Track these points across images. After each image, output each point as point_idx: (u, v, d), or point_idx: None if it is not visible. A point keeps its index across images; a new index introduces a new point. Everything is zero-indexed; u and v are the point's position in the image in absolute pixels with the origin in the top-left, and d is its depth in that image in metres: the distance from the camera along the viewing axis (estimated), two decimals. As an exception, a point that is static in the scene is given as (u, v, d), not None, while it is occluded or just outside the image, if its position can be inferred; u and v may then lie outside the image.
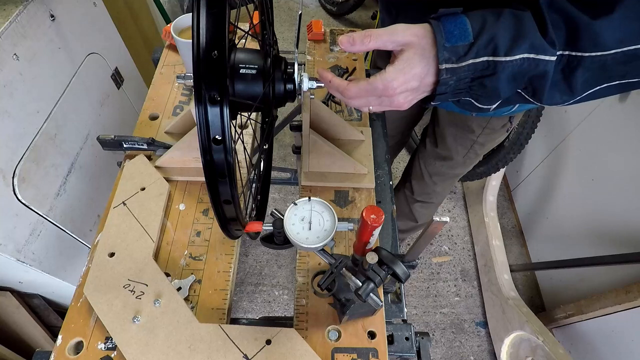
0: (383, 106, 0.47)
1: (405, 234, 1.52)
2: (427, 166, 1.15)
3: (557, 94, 0.44)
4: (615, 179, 1.31)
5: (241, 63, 0.48)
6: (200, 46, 0.34)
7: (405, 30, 0.43)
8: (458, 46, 0.41)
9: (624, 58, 0.40)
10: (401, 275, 0.48)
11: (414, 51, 0.43)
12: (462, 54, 0.41)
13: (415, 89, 0.45)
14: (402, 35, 0.43)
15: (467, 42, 0.41)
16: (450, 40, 0.41)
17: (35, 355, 0.59)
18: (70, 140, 1.10)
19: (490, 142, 1.00)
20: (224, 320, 0.61)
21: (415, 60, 0.43)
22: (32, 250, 0.96)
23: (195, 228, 0.71)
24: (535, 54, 0.40)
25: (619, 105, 1.29)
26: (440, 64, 0.41)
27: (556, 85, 0.43)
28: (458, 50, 0.41)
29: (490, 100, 0.46)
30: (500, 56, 0.41)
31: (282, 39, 2.71)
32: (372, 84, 0.45)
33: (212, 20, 0.35)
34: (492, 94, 0.44)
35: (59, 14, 1.02)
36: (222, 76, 0.35)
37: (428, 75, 0.43)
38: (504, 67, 0.41)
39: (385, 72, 0.44)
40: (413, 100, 0.47)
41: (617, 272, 1.26)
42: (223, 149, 0.37)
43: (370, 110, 0.49)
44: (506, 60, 0.41)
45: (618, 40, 0.39)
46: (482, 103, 0.47)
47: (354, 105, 0.49)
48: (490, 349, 1.61)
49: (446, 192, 1.26)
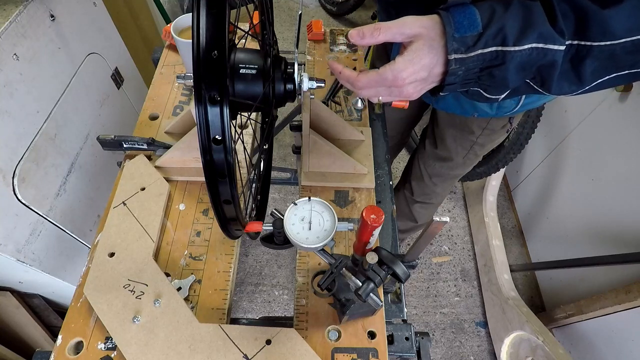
0: (393, 96, 0.48)
1: (405, 234, 1.52)
2: (426, 167, 1.15)
3: (566, 84, 0.44)
4: (615, 179, 1.31)
5: (241, 63, 0.48)
6: (200, 46, 0.34)
7: (414, 22, 0.43)
8: (467, 36, 0.41)
9: (632, 47, 0.40)
10: (401, 275, 0.48)
11: (423, 42, 0.43)
12: (471, 44, 0.41)
13: (424, 79, 0.45)
14: (411, 27, 0.43)
15: (476, 33, 0.41)
16: (459, 30, 0.41)
17: (35, 355, 0.59)
18: (70, 140, 1.10)
19: (490, 142, 1.00)
20: (224, 320, 0.61)
21: (425, 51, 0.43)
22: (32, 250, 0.96)
23: (195, 228, 0.71)
24: (544, 44, 0.40)
25: (619, 105, 1.29)
26: (449, 54, 0.42)
27: (565, 75, 0.43)
28: (467, 40, 0.41)
29: (498, 91, 0.46)
30: (509, 46, 0.41)
31: (282, 39, 2.71)
32: (381, 75, 0.45)
33: (212, 20, 0.34)
34: (500, 84, 0.44)
35: (59, 14, 1.02)
36: (222, 76, 0.35)
37: (437, 66, 0.44)
38: (513, 57, 0.41)
39: (394, 62, 0.44)
40: (422, 90, 0.47)
41: (617, 272, 1.26)
42: (223, 149, 0.37)
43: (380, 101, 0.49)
44: (515, 50, 0.41)
45: (627, 30, 0.39)
46: (490, 93, 0.47)
47: (364, 95, 0.49)
48: (490, 349, 1.61)
49: (446, 192, 1.26)
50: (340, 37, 1.06)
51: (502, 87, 0.45)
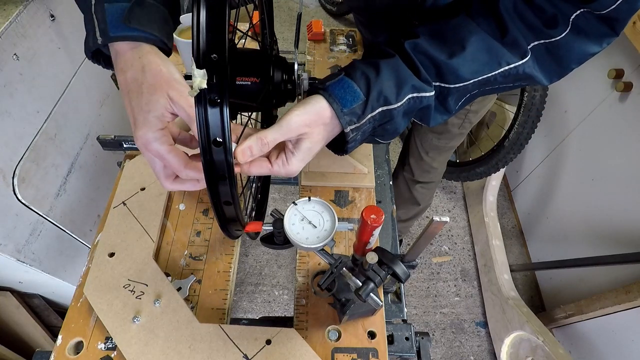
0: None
1: (409, 223, 1.51)
2: (423, 143, 1.17)
3: (439, 116, 0.52)
4: (615, 179, 1.32)
5: (242, 64, 0.48)
6: (201, 47, 0.34)
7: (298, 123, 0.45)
8: (354, 107, 0.46)
9: (479, 83, 0.49)
10: (401, 275, 0.48)
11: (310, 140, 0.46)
12: (360, 112, 0.46)
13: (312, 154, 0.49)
14: (296, 129, 0.45)
15: (361, 102, 0.46)
16: (345, 105, 0.46)
17: (35, 355, 0.59)
18: (70, 140, 1.10)
19: (483, 108, 1.03)
20: (224, 320, 0.62)
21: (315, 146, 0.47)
22: (32, 250, 0.96)
23: (195, 228, 0.71)
24: (418, 93, 0.47)
25: (619, 105, 1.29)
26: (344, 128, 0.46)
27: (437, 109, 0.51)
28: (355, 110, 0.46)
29: (391, 137, 0.52)
30: (392, 104, 0.47)
31: (282, 39, 2.71)
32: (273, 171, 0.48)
33: (212, 21, 0.34)
34: (392, 132, 0.51)
35: (59, 14, 1.02)
36: (222, 77, 0.35)
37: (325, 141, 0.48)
38: (398, 111, 0.47)
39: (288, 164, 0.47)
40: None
41: (617, 272, 1.26)
42: (223, 149, 0.37)
43: None
44: (397, 105, 0.47)
45: (472, 72, 0.48)
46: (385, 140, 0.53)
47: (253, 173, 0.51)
48: (490, 349, 1.61)
49: (443, 167, 1.28)
50: (340, 37, 1.06)
51: (394, 134, 0.51)
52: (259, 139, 0.43)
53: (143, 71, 0.40)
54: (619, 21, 0.47)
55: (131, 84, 0.41)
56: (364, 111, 0.46)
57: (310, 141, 0.47)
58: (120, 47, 0.42)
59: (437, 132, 1.11)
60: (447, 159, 1.24)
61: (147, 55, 0.41)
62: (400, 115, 0.48)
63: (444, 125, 1.07)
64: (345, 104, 0.45)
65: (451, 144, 1.15)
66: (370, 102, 0.46)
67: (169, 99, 0.41)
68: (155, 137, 0.41)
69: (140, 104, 0.40)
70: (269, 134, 0.44)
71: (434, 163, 1.21)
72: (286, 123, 0.44)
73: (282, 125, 0.44)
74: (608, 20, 0.47)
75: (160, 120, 0.41)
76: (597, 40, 0.49)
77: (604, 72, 1.30)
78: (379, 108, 0.47)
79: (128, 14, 0.40)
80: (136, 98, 0.41)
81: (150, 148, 0.41)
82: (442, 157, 1.21)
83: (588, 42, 0.48)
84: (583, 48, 0.49)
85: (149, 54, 0.41)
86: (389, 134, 0.51)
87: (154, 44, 0.42)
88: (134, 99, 0.41)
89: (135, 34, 0.40)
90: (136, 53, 0.41)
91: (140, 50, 0.41)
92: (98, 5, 0.41)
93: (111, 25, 0.40)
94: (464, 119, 1.04)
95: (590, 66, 1.39)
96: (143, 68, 0.41)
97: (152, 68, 0.41)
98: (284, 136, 0.45)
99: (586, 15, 0.46)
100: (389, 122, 0.48)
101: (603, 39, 0.49)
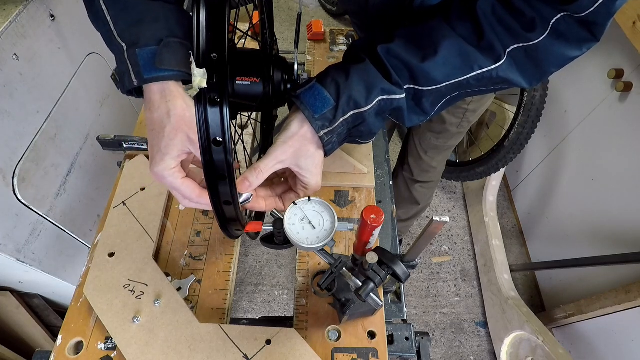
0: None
1: (409, 222, 1.51)
2: (422, 142, 1.18)
3: (415, 117, 0.54)
4: (615, 179, 1.32)
5: (242, 64, 0.48)
6: (200, 46, 0.34)
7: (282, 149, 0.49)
8: (325, 113, 0.48)
9: (452, 86, 0.50)
10: (401, 275, 0.48)
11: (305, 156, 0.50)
12: (331, 117, 0.49)
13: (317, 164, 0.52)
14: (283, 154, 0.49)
15: (332, 107, 0.48)
16: (316, 111, 0.48)
17: (35, 355, 0.59)
18: (70, 140, 1.10)
19: (481, 107, 1.03)
20: (224, 320, 0.62)
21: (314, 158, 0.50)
22: (32, 250, 0.96)
23: (195, 228, 0.71)
24: (387, 95, 0.49)
25: (619, 105, 1.29)
26: (318, 133, 0.49)
27: (412, 110, 0.53)
28: (327, 115, 0.48)
29: (370, 137, 0.54)
30: (362, 107, 0.49)
31: (282, 39, 2.71)
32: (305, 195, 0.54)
33: (212, 21, 0.34)
34: (368, 133, 0.52)
35: (59, 14, 1.02)
36: (222, 77, 0.35)
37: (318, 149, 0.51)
38: (369, 113, 0.49)
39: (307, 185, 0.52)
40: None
41: (617, 272, 1.27)
42: (223, 149, 0.37)
43: None
44: (368, 108, 0.49)
45: (445, 76, 0.49)
46: (364, 140, 0.55)
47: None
48: (490, 349, 1.61)
49: (442, 167, 1.28)
50: (340, 37, 1.06)
51: (370, 134, 0.53)
52: (252, 169, 0.48)
53: (168, 115, 0.44)
54: (598, 25, 0.47)
55: (156, 125, 0.45)
56: (334, 115, 0.48)
57: (306, 156, 0.50)
58: (150, 88, 0.45)
59: (436, 132, 1.11)
60: (446, 158, 1.24)
61: (174, 100, 0.44)
62: (372, 117, 0.50)
63: (443, 124, 1.07)
64: (316, 110, 0.48)
65: (450, 143, 1.15)
66: (341, 106, 0.48)
67: (188, 140, 0.45)
68: (169, 173, 0.45)
69: (159, 145, 0.45)
70: (260, 163, 0.48)
71: (433, 162, 1.22)
72: (273, 151, 0.49)
73: (270, 153, 0.49)
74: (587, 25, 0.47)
75: (175, 160, 0.45)
76: (577, 45, 0.49)
77: (604, 72, 1.30)
78: (350, 112, 0.49)
79: (159, 58, 0.43)
80: (157, 138, 0.45)
81: (165, 182, 0.46)
82: (441, 156, 1.21)
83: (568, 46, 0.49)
84: (562, 52, 0.49)
85: (175, 98, 0.45)
86: (366, 135, 0.53)
87: (182, 78, 0.46)
88: (155, 139, 0.45)
89: (166, 74, 0.44)
90: (164, 97, 0.45)
91: (169, 93, 0.45)
92: (130, 50, 0.44)
93: (144, 68, 0.44)
94: (462, 118, 1.04)
95: (590, 66, 1.40)
96: (169, 113, 0.44)
97: (176, 113, 0.44)
98: (275, 161, 0.48)
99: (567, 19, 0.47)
100: (362, 124, 0.50)
101: (583, 44, 0.49)
